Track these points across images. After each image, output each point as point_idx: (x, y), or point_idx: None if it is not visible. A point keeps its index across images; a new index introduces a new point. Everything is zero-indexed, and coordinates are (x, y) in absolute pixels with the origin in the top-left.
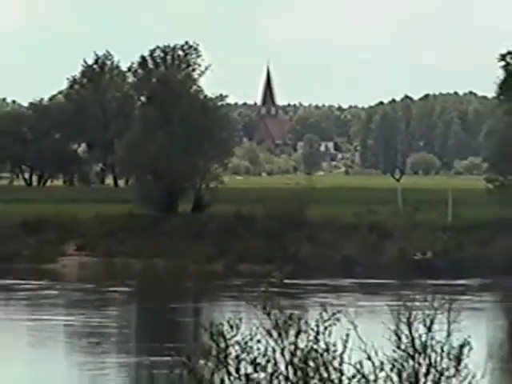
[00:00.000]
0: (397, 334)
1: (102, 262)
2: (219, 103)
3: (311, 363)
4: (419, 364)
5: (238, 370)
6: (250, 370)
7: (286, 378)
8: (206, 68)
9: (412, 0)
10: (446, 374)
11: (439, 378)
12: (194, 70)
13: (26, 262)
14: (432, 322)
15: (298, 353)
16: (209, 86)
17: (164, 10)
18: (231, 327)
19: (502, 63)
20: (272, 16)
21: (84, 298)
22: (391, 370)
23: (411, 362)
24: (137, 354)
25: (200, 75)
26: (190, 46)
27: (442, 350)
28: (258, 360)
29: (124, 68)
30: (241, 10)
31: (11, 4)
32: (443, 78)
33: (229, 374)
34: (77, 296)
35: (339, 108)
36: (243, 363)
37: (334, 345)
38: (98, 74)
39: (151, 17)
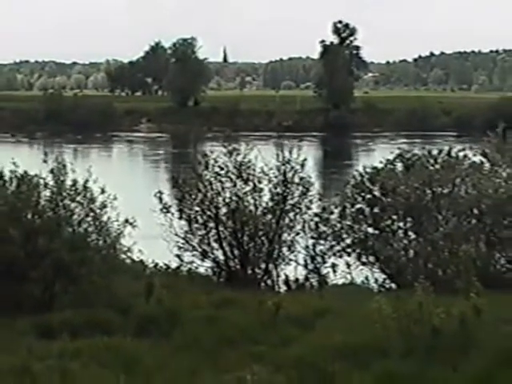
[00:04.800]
0: (277, 155)
1: (157, 126)
2: (204, 61)
3: (243, 167)
4: (286, 168)
5: (212, 169)
6: (218, 169)
7: (233, 173)
8: (200, 47)
9: None
10: (298, 171)
11: (294, 174)
12: (194, 47)
13: (126, 127)
14: (291, 149)
15: (237, 163)
16: (200, 54)
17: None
18: (210, 152)
19: (321, 44)
20: (228, 13)
21: (150, 141)
22: (276, 170)
23: (283, 166)
24: (172, 166)
25: (198, 49)
26: (193, 38)
27: (296, 161)
28: (222, 166)
29: (166, 47)
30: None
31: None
32: (297, 46)
33: (207, 169)
34: (147, 140)
35: (253, 63)
36: (215, 167)
37: (252, 159)
38: (155, 49)
39: (179, 20)
